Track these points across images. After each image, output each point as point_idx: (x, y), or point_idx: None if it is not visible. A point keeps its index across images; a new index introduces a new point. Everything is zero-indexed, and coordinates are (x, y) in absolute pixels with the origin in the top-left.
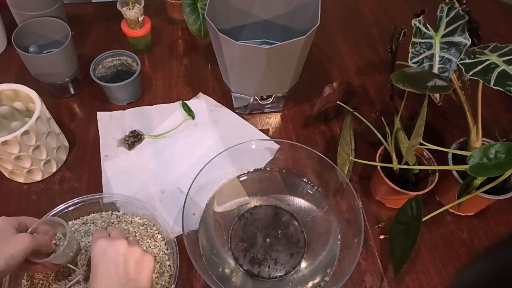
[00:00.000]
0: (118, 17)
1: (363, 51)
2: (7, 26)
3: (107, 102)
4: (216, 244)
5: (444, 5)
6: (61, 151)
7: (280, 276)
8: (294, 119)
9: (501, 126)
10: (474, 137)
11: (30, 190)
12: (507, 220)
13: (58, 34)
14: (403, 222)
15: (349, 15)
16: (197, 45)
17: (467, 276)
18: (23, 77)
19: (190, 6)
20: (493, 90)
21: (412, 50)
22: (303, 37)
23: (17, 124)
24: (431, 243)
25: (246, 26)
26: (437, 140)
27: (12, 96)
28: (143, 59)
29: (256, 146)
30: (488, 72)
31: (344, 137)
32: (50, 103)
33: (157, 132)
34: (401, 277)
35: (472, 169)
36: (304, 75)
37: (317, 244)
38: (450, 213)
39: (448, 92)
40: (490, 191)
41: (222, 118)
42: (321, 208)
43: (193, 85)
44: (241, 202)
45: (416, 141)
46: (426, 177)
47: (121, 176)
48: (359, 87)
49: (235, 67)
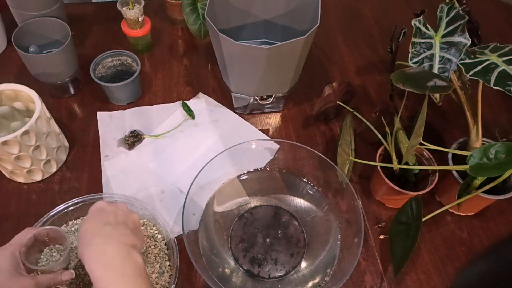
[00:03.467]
0: (118, 17)
1: (363, 51)
2: (7, 26)
3: (107, 102)
4: (216, 244)
5: (444, 5)
6: (61, 151)
7: (280, 276)
8: (294, 119)
9: (501, 126)
10: (474, 137)
11: (30, 190)
12: (507, 220)
13: (58, 34)
14: (403, 222)
15: (349, 15)
16: (197, 45)
17: (467, 276)
18: (23, 77)
19: (190, 6)
20: (493, 90)
21: (412, 50)
22: (303, 37)
23: (17, 124)
24: (431, 243)
25: (246, 26)
26: (437, 140)
27: (12, 96)
28: (143, 59)
29: (256, 146)
30: (488, 72)
31: (344, 137)
32: (50, 103)
33: (157, 132)
34: (401, 277)
35: (472, 169)
36: (304, 75)
37: (317, 244)
38: (450, 213)
39: (448, 92)
40: (490, 191)
41: (222, 118)
42: (321, 208)
43: (193, 85)
44: (241, 202)
45: (416, 141)
46: (426, 177)
47: (121, 176)
48: (359, 87)
49: (235, 67)
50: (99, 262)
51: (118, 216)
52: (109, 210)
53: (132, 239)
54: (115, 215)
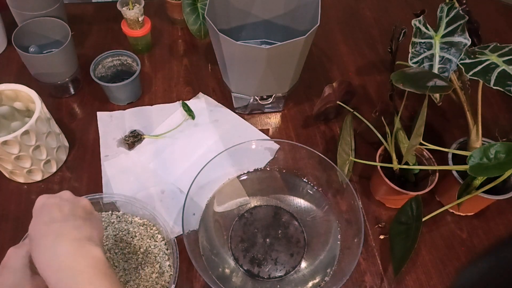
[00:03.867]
0: (118, 17)
1: (363, 51)
2: (7, 26)
3: (107, 102)
4: (216, 244)
5: (444, 5)
6: (61, 151)
7: (280, 276)
8: (294, 119)
9: (501, 126)
10: (474, 137)
11: (30, 190)
12: (507, 220)
13: (58, 34)
14: (403, 222)
15: (349, 15)
16: (197, 45)
17: (467, 276)
18: (23, 77)
19: (190, 6)
20: (493, 90)
21: (412, 50)
22: (303, 37)
23: (17, 124)
24: (431, 243)
25: (246, 26)
26: (437, 140)
27: (12, 96)
28: (143, 59)
29: (256, 146)
30: (488, 72)
31: (344, 137)
32: (50, 103)
33: (157, 132)
34: (401, 277)
35: (472, 169)
36: (304, 75)
37: (317, 244)
38: (450, 213)
39: (448, 92)
40: (490, 191)
41: (222, 118)
42: (321, 208)
43: (193, 85)
44: (241, 202)
45: (416, 141)
46: (426, 177)
47: (121, 176)
48: (359, 87)
49: (235, 67)
50: (50, 266)
51: (63, 208)
52: (51, 204)
53: (85, 230)
54: (59, 208)
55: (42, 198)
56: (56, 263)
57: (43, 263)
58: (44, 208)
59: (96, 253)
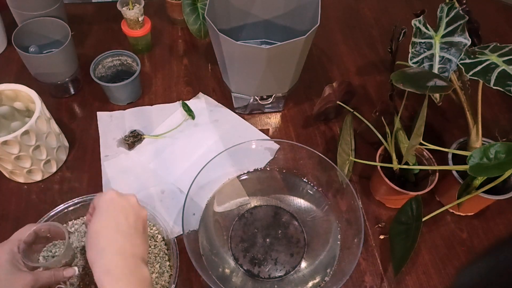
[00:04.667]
0: (118, 17)
1: (363, 51)
2: (7, 26)
3: (107, 102)
4: (216, 244)
5: (444, 5)
6: (61, 151)
7: (280, 276)
8: (294, 119)
9: (501, 126)
10: (474, 137)
11: (30, 190)
12: (507, 220)
13: (58, 34)
14: (403, 222)
15: (349, 15)
16: (197, 45)
17: (467, 276)
18: (23, 77)
19: (190, 6)
20: (493, 90)
21: (412, 50)
22: (303, 37)
23: (17, 124)
24: (431, 243)
25: (246, 26)
26: (437, 140)
27: (12, 96)
28: (143, 59)
29: (256, 146)
30: (488, 72)
31: (344, 137)
32: (50, 103)
33: (157, 132)
34: (401, 277)
35: (472, 169)
36: (304, 75)
37: (317, 244)
38: (450, 213)
39: (448, 92)
40: (490, 191)
41: (222, 118)
42: (321, 208)
43: (193, 85)
44: (241, 202)
45: (416, 141)
46: (426, 177)
47: (121, 176)
48: (359, 87)
49: (235, 67)
50: (109, 275)
51: (128, 216)
52: (119, 207)
53: (142, 249)
54: (125, 215)
55: (111, 193)
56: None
57: (102, 269)
58: (110, 206)
59: (146, 273)
